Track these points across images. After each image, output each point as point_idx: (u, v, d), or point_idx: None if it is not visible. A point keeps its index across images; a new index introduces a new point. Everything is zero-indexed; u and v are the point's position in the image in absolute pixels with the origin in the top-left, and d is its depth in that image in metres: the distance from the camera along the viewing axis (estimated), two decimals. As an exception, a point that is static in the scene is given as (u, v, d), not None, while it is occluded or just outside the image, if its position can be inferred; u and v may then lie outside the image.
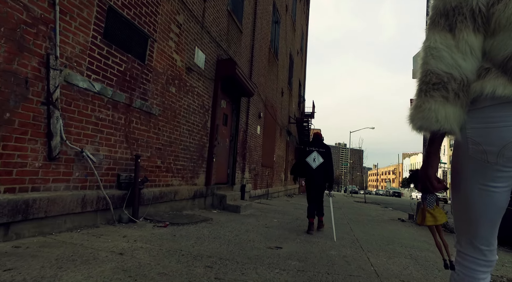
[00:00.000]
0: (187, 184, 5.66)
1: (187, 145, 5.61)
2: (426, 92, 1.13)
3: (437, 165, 1.20)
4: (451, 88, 1.08)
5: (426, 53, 1.16)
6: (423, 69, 1.16)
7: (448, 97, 1.08)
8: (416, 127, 1.16)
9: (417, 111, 1.15)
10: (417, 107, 1.15)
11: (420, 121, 1.13)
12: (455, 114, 1.08)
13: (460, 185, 1.21)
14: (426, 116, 1.11)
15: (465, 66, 1.08)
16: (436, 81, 1.10)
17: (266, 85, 11.50)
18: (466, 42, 1.08)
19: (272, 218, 6.34)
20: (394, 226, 7.16)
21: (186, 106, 5.49)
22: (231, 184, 8.06)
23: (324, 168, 5.10)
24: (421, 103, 1.14)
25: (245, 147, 9.06)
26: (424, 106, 1.12)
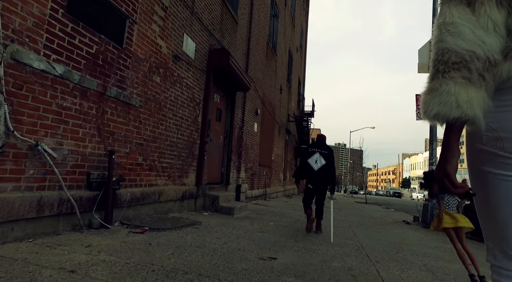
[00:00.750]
0: (175, 184, 5.16)
1: (175, 141, 5.11)
2: (444, 73, 0.97)
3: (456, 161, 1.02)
4: (475, 68, 0.94)
5: (440, 30, 1.01)
6: (438, 48, 1.00)
7: (471, 78, 0.94)
8: (431, 115, 0.98)
9: (432, 95, 0.98)
10: (433, 91, 0.98)
11: (437, 107, 0.96)
12: (479, 98, 0.94)
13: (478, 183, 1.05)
14: (444, 101, 0.95)
15: (490, 42, 0.94)
16: (456, 60, 0.95)
17: (263, 81, 11.01)
18: (489, 17, 0.95)
19: (268, 221, 5.84)
20: (400, 229, 6.67)
21: (173, 99, 5.00)
22: (225, 184, 7.57)
23: (326, 170, 4.98)
24: (438, 85, 0.97)
25: (241, 145, 8.56)
26: (441, 89, 0.96)
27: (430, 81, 1.01)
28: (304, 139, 20.73)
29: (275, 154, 13.86)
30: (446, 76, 0.96)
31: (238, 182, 8.39)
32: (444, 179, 1.01)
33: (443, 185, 1.02)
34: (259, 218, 6.13)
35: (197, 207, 5.94)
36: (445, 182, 1.01)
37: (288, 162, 17.86)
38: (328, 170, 5.04)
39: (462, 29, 0.96)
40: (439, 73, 0.98)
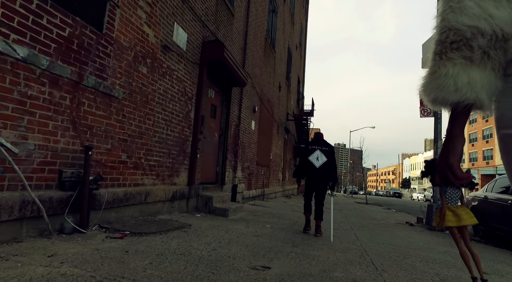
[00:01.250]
0: (164, 184, 4.81)
1: (164, 137, 4.76)
2: (441, 54, 0.89)
3: (461, 150, 0.94)
4: (477, 46, 0.85)
5: (444, 7, 0.91)
6: (440, 28, 0.91)
7: (473, 57, 0.86)
8: (429, 99, 0.93)
9: (430, 79, 0.92)
10: (431, 74, 0.92)
11: (434, 91, 0.90)
12: (482, 79, 0.85)
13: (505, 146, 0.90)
14: (441, 84, 0.88)
15: (499, 15, 0.84)
16: (455, 39, 0.87)
17: (261, 78, 10.66)
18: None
19: (265, 223, 5.49)
20: (404, 232, 6.32)
21: (162, 92, 4.64)
22: (220, 184, 7.22)
23: (327, 166, 4.92)
24: (436, 68, 0.90)
25: (237, 143, 8.21)
26: (439, 72, 0.89)
27: (431, 64, 0.93)
28: (303, 139, 20.39)
29: (274, 153, 13.51)
30: (443, 57, 0.89)
31: (234, 181, 8.05)
32: (447, 171, 0.95)
33: (446, 177, 0.96)
34: (255, 219, 5.78)
35: (189, 208, 5.59)
36: (447, 174, 0.95)
37: (287, 161, 17.51)
38: (329, 166, 4.96)
39: (466, 3, 0.87)
40: (437, 55, 0.91)
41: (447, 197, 2.58)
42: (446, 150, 0.96)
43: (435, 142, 7.90)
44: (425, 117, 8.25)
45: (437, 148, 7.84)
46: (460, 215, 2.54)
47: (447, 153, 0.95)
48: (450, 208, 2.56)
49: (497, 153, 36.24)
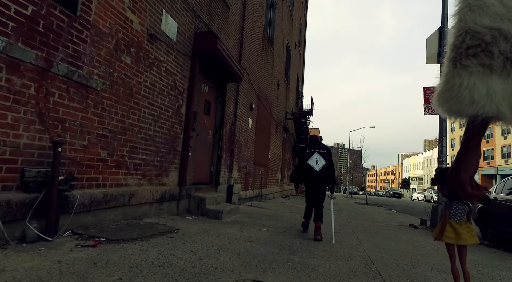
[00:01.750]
0: (151, 184, 4.45)
1: (151, 134, 4.40)
2: (455, 62, 0.79)
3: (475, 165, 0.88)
4: (498, 51, 0.74)
5: (462, 5, 0.79)
6: (456, 29, 0.81)
7: (493, 65, 0.75)
8: (443, 110, 0.85)
9: (445, 88, 0.82)
10: (446, 83, 0.82)
11: (448, 103, 0.81)
12: (504, 90, 0.75)
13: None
14: (455, 96, 0.79)
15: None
16: (472, 43, 0.76)
17: (259, 74, 10.31)
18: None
19: (261, 226, 5.13)
20: (408, 235, 5.97)
21: (149, 85, 4.28)
22: (215, 184, 6.86)
23: (326, 169, 4.86)
24: (450, 77, 0.81)
25: (233, 142, 7.85)
26: (453, 82, 0.80)
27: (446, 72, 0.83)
28: (302, 138, 20.04)
29: (272, 152, 13.16)
30: (457, 65, 0.79)
31: (229, 182, 7.69)
32: (456, 185, 0.90)
33: (454, 192, 0.91)
34: (250, 222, 5.42)
35: (180, 210, 5.23)
36: (456, 188, 0.90)
37: (286, 161, 17.16)
38: (328, 169, 4.91)
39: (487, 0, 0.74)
40: (451, 62, 0.81)
41: (452, 211, 2.34)
42: (458, 163, 0.89)
43: (440, 140, 7.55)
44: (430, 115, 7.90)
45: (441, 146, 7.49)
46: (460, 234, 2.27)
47: (459, 167, 0.89)
48: (451, 224, 2.31)
49: (497, 153, 35.97)
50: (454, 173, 0.90)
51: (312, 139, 5.25)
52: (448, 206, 2.36)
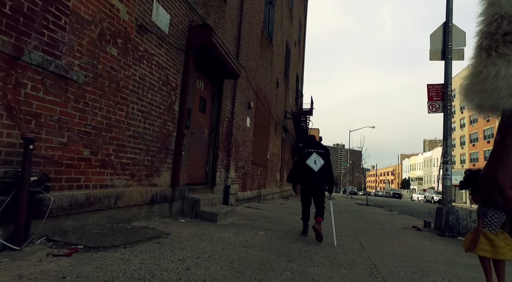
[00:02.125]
0: (141, 185, 4.17)
1: (141, 131, 4.12)
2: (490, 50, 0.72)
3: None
4: None
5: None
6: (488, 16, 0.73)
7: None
8: (473, 105, 0.77)
9: (474, 80, 0.75)
10: (475, 75, 0.75)
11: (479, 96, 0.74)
12: None
13: None
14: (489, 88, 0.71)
15: None
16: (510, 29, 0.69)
17: (257, 72, 10.04)
18: None
19: (258, 229, 4.86)
20: (413, 238, 5.70)
21: (138, 79, 4.01)
22: (210, 185, 6.58)
23: (325, 170, 4.77)
24: (482, 68, 0.74)
25: (230, 141, 7.58)
26: (486, 72, 0.72)
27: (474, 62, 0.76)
28: (302, 138, 19.78)
29: (271, 152, 12.89)
30: (492, 53, 0.71)
31: (226, 182, 7.41)
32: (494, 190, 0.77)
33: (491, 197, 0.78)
34: (247, 225, 5.15)
35: (173, 212, 4.95)
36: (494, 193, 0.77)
37: (285, 161, 16.89)
38: (327, 169, 4.82)
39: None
40: (484, 50, 0.74)
41: (486, 221, 2.04)
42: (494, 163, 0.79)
43: (444, 139, 7.29)
44: (434, 114, 7.64)
45: (446, 146, 7.22)
46: (497, 246, 1.99)
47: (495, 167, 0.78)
48: (486, 234, 2.01)
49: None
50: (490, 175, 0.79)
51: (310, 139, 5.18)
52: (483, 214, 2.09)
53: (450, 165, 7.11)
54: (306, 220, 4.83)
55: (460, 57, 7.34)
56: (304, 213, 4.87)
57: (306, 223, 4.81)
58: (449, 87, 7.32)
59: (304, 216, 4.87)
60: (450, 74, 7.34)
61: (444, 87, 7.40)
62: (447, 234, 6.52)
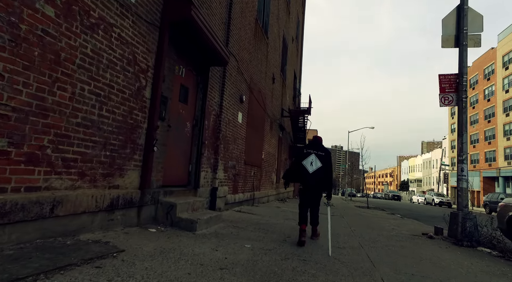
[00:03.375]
0: (95, 187, 3.32)
1: (95, 119, 3.28)
2: None
3: None
4: None
5: None
6: None
7: None
8: None
9: None
10: None
11: None
12: None
13: None
14: None
15: None
16: None
17: (251, 64, 9.21)
18: None
19: (245, 239, 4.02)
20: (429, 250, 4.86)
21: (90, 52, 3.17)
22: (194, 187, 5.73)
23: (322, 173, 4.53)
24: None
25: (217, 137, 6.73)
26: None
27: None
28: (299, 138, 18.98)
29: (266, 151, 12.05)
30: None
31: (214, 184, 6.57)
32: None
33: None
34: (233, 234, 4.31)
35: (143, 219, 4.10)
36: None
37: (282, 161, 16.05)
38: (324, 173, 4.55)
39: None
40: None
41: None
42: None
43: (459, 136, 6.47)
44: (446, 106, 6.84)
45: (461, 143, 6.41)
46: None
47: None
48: None
49: (500, 154, 35.02)
50: None
51: (313, 139, 4.93)
52: None
53: (466, 164, 6.29)
54: (303, 224, 4.41)
55: (477, 44, 6.54)
56: (301, 217, 4.52)
57: (304, 227, 4.37)
58: (464, 77, 6.52)
59: (300, 220, 4.49)
60: (465, 62, 6.53)
61: (459, 78, 6.60)
62: (465, 243, 5.69)
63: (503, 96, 34.83)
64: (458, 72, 6.62)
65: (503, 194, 23.77)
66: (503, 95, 34.83)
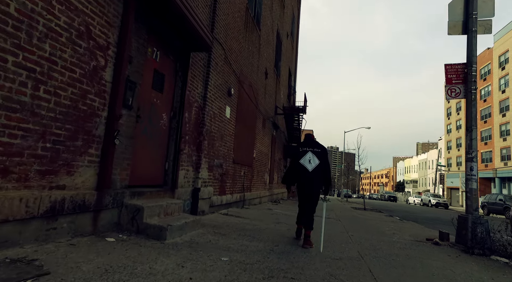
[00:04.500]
0: (26, 187, 2.62)
1: (27, 101, 2.58)
2: None
3: None
4: None
5: None
6: None
7: None
8: None
9: None
10: None
11: None
12: None
13: None
14: None
15: None
16: None
17: (241, 55, 8.54)
18: None
19: (224, 250, 3.33)
20: (438, 260, 4.21)
21: (14, 13, 2.47)
22: (171, 187, 5.03)
23: (320, 170, 4.49)
24: None
25: (201, 132, 6.04)
26: None
27: None
28: (294, 136, 18.34)
29: (258, 150, 11.37)
30: None
31: (196, 184, 5.88)
32: None
33: None
34: (211, 243, 3.62)
35: (101, 226, 3.40)
36: None
37: (276, 161, 15.39)
38: (322, 169, 4.50)
39: None
40: None
41: None
42: None
43: (468, 131, 5.85)
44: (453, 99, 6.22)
45: (470, 139, 5.79)
46: None
47: None
48: None
49: (496, 155, 34.68)
50: None
51: (306, 137, 4.88)
52: None
53: (475, 163, 5.67)
54: (300, 224, 4.58)
55: (487, 30, 5.93)
56: (299, 218, 4.64)
57: (301, 227, 4.55)
58: (473, 66, 5.90)
59: (298, 220, 4.64)
60: (474, 51, 5.92)
61: (467, 67, 5.98)
62: (476, 251, 5.06)
63: (499, 96, 34.53)
64: (467, 61, 6.00)
65: (501, 194, 23.29)
66: (499, 96, 34.54)
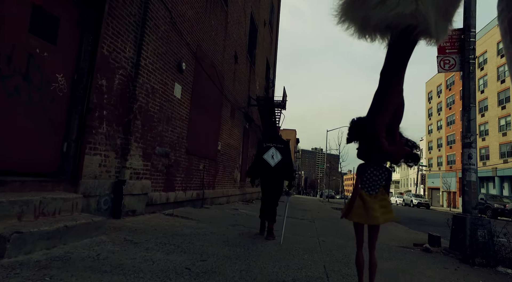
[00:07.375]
0: None
1: None
2: None
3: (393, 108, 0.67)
4: None
5: None
6: None
7: None
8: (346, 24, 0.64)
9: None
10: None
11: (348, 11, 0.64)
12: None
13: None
14: None
15: None
16: None
17: (198, 28, 7.20)
18: None
19: (106, 273, 1.98)
20: (433, 276, 3.00)
21: None
22: (71, 177, 3.62)
23: (283, 165, 4.53)
24: None
25: (130, 108, 4.66)
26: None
27: None
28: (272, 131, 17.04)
29: (225, 143, 10.04)
30: None
31: (122, 175, 4.49)
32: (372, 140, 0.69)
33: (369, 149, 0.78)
34: (95, 261, 2.27)
35: None
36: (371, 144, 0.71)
37: (249, 157, 14.08)
38: (285, 164, 4.54)
39: None
40: None
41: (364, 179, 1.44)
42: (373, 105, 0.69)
43: (466, 111, 4.73)
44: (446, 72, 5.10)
45: (468, 120, 4.67)
46: (370, 209, 1.41)
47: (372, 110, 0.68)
48: (363, 196, 1.44)
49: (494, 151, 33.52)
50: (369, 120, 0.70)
51: (270, 133, 5.00)
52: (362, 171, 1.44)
53: (474, 149, 4.55)
54: (264, 218, 4.56)
55: (487, -14, 4.85)
56: (262, 211, 4.59)
57: (264, 221, 4.55)
58: (471, 31, 4.79)
59: (261, 213, 4.59)
60: (473, 12, 4.82)
61: (464, 33, 4.87)
62: (477, 260, 3.91)
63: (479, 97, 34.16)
64: (463, 25, 4.89)
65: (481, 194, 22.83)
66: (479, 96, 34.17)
